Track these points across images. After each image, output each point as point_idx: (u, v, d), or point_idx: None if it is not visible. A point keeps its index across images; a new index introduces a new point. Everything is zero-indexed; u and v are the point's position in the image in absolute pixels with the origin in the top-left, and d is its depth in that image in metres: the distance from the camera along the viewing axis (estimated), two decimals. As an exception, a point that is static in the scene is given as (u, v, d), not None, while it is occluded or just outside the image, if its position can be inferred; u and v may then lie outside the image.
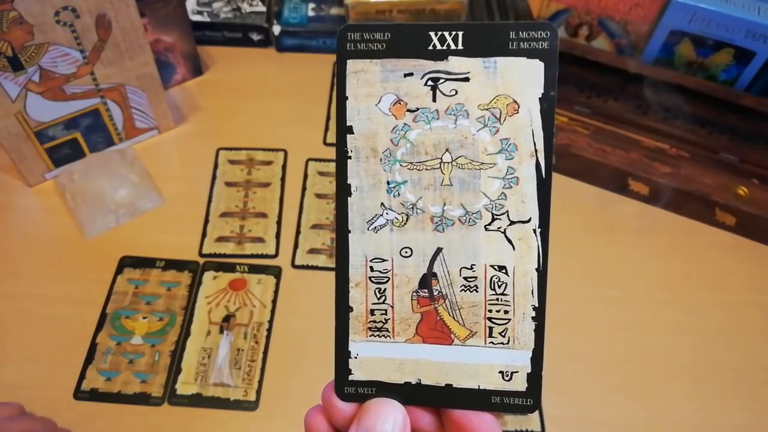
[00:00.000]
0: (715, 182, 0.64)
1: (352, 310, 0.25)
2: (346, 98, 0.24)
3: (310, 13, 0.78)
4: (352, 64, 0.24)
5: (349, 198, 0.24)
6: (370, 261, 0.25)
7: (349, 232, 0.25)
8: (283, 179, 0.66)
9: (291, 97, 0.73)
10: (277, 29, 0.76)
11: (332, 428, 0.25)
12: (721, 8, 0.62)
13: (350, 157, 0.24)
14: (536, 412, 0.51)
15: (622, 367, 0.54)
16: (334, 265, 0.65)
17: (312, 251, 0.60)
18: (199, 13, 0.76)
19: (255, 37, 0.77)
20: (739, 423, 0.51)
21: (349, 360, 0.25)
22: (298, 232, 0.61)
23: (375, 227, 0.25)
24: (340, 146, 0.24)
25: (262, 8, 0.77)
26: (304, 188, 0.65)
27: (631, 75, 0.67)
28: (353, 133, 0.24)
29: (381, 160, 0.24)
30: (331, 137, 0.70)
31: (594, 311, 0.57)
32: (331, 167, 0.67)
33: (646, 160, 0.65)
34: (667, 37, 0.66)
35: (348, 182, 0.24)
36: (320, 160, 0.67)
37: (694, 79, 0.66)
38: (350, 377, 0.25)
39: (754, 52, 0.63)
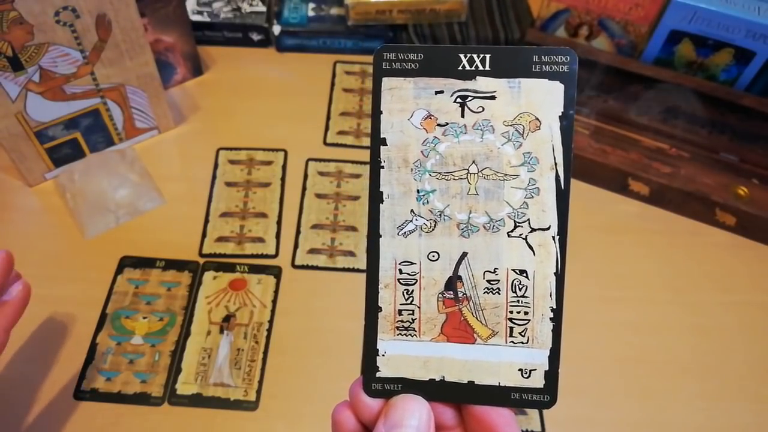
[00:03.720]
0: (715, 182, 0.64)
1: (381, 310, 0.27)
2: (381, 112, 0.26)
3: (310, 13, 0.78)
4: (387, 82, 0.26)
5: (381, 205, 0.26)
6: (399, 264, 0.26)
7: (380, 236, 0.26)
8: (283, 179, 0.66)
9: (291, 97, 0.73)
10: (277, 29, 0.76)
11: (359, 423, 0.26)
12: (721, 8, 0.62)
13: (383, 167, 0.26)
14: (536, 412, 0.51)
15: (623, 367, 0.54)
16: (333, 266, 0.65)
17: (312, 251, 0.60)
18: (199, 13, 0.76)
19: (255, 37, 0.77)
20: (740, 423, 0.51)
21: (377, 357, 0.27)
22: (298, 232, 0.61)
23: (405, 232, 0.26)
24: (374, 156, 0.26)
25: (262, 8, 0.77)
26: (304, 188, 0.65)
27: (631, 75, 0.67)
28: (386, 144, 0.26)
29: (412, 170, 0.26)
30: (331, 137, 0.70)
31: (594, 311, 0.57)
32: (331, 167, 0.67)
33: (646, 160, 0.65)
34: (667, 37, 0.66)
35: (380, 190, 0.26)
36: (320, 160, 0.67)
37: (694, 79, 0.66)
38: (378, 374, 0.26)
39: (754, 52, 0.63)
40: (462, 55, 0.25)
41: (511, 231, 0.26)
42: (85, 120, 0.62)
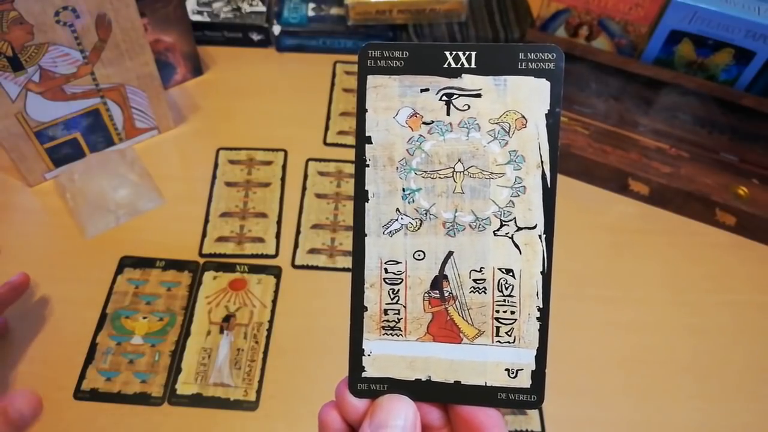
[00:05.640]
0: (715, 182, 0.64)
1: (366, 310, 0.26)
2: (366, 110, 0.26)
3: (310, 13, 0.78)
4: (372, 79, 0.26)
5: (366, 204, 0.26)
6: (385, 263, 0.26)
7: (366, 235, 0.26)
8: (283, 179, 0.66)
9: (291, 97, 0.73)
10: (277, 29, 0.76)
11: (345, 423, 0.26)
12: (721, 8, 0.62)
13: (368, 166, 0.26)
14: (536, 412, 0.51)
15: (623, 367, 0.54)
16: (333, 265, 0.65)
17: (312, 251, 0.60)
18: (199, 13, 0.76)
19: (255, 37, 0.77)
20: (740, 423, 0.51)
21: (363, 357, 0.26)
22: (298, 232, 0.61)
23: (390, 231, 0.26)
24: (359, 155, 0.26)
25: (262, 8, 0.77)
26: (304, 188, 0.65)
27: (631, 75, 0.67)
28: (372, 143, 0.26)
29: (397, 168, 0.26)
30: (331, 137, 0.70)
31: (594, 311, 0.57)
32: (331, 167, 0.67)
33: (646, 160, 0.65)
34: (667, 37, 0.66)
35: (365, 189, 0.26)
36: (320, 160, 0.67)
37: (694, 79, 0.66)
38: (363, 374, 0.26)
39: (754, 52, 0.63)
40: (447, 53, 0.25)
41: (498, 230, 0.25)
42: (85, 120, 0.62)
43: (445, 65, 0.25)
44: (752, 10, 0.62)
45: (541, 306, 0.26)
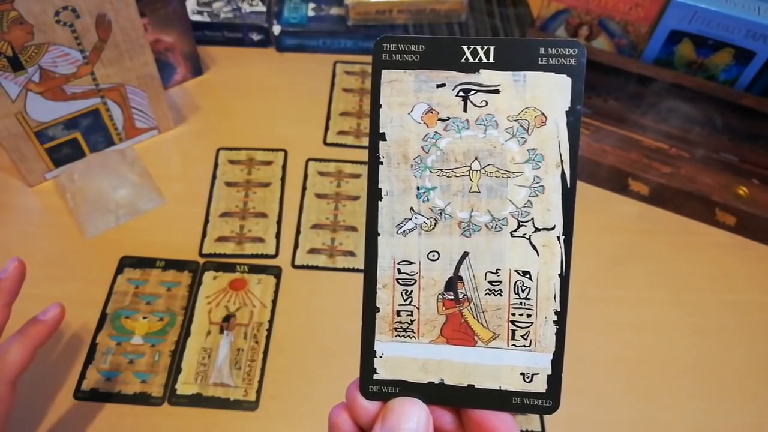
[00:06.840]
0: (715, 182, 0.64)
1: (378, 311, 0.26)
2: (380, 106, 0.25)
3: (310, 13, 0.78)
4: (386, 74, 0.25)
5: (379, 202, 0.25)
6: (398, 263, 0.26)
7: (379, 235, 0.25)
8: (283, 179, 0.66)
9: (291, 97, 0.73)
10: (277, 29, 0.76)
11: (356, 426, 0.26)
12: (721, 8, 0.62)
13: (382, 163, 0.25)
14: (536, 412, 0.51)
15: (623, 367, 0.54)
16: (333, 265, 0.65)
17: (312, 251, 0.60)
18: (199, 13, 0.76)
19: (255, 37, 0.77)
20: (741, 423, 0.51)
21: (375, 359, 0.26)
22: (298, 232, 0.61)
23: (404, 231, 0.25)
24: (373, 152, 0.25)
25: (262, 8, 0.77)
26: (304, 188, 0.65)
27: (631, 75, 0.67)
28: (386, 139, 0.25)
29: (412, 166, 0.25)
30: (331, 137, 0.70)
31: (594, 311, 0.57)
32: (331, 167, 0.67)
33: (646, 160, 0.65)
34: (667, 37, 0.66)
35: (379, 187, 0.25)
36: (320, 160, 0.67)
37: (694, 79, 0.66)
38: (375, 376, 0.26)
39: (754, 52, 0.63)
40: (465, 47, 0.24)
41: (515, 230, 0.25)
42: (85, 120, 0.62)
43: (463, 60, 0.24)
44: (752, 10, 0.62)
45: (558, 309, 0.25)
